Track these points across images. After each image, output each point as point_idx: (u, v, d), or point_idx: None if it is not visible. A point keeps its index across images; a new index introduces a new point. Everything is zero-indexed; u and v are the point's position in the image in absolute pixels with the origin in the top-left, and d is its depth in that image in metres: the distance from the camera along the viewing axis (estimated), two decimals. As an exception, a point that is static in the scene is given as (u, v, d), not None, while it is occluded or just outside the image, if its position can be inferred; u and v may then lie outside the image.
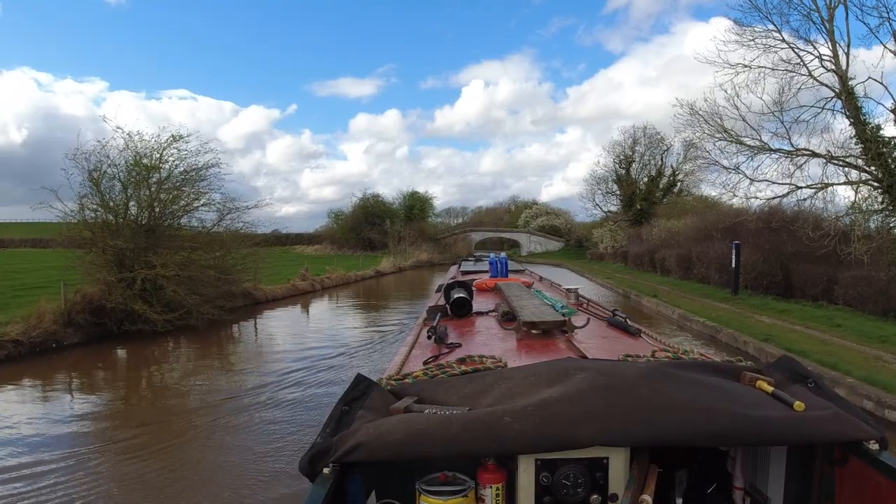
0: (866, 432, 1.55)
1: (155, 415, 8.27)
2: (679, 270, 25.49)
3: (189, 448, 6.95)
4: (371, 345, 12.51)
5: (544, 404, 1.53)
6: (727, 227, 22.70)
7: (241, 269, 17.31)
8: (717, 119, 18.91)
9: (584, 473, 1.65)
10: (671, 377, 1.69)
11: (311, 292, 23.24)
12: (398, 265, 39.24)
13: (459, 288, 3.95)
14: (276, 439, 7.04)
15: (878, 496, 1.48)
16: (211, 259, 16.00)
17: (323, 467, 1.44)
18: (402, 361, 2.66)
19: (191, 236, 15.25)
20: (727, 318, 12.98)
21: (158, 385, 10.29)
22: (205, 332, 13.96)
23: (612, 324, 3.44)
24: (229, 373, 10.65)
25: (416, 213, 58.45)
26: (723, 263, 20.99)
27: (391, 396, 1.84)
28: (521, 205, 78.88)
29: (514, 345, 2.94)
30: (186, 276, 14.25)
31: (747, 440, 1.60)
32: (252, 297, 18.66)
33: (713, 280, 21.63)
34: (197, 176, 15.28)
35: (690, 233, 26.58)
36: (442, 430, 1.46)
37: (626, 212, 46.96)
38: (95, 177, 14.06)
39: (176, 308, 13.46)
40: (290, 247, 67.55)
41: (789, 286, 18.99)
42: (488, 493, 1.65)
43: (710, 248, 22.27)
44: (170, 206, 14.80)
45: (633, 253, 34.27)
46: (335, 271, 26.99)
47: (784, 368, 1.94)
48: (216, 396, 9.03)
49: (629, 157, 48.44)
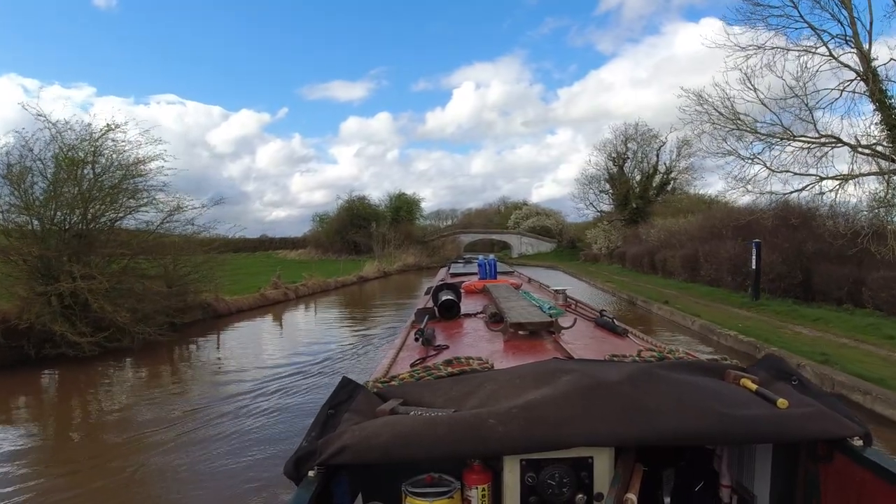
0: (850, 429, 1.54)
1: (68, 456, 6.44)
2: (684, 272, 23.61)
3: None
4: (347, 360, 10.45)
5: (529, 406, 1.54)
6: (739, 225, 20.88)
7: (197, 278, 15.11)
8: (729, 103, 17.03)
9: (570, 473, 1.64)
10: (656, 377, 1.68)
11: (284, 302, 21.08)
12: (383, 269, 37.11)
13: (448, 290, 3.94)
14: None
15: (862, 492, 1.48)
16: (157, 268, 13.82)
17: (308, 470, 1.44)
18: (390, 364, 2.63)
19: (128, 242, 12.97)
20: (758, 330, 11.04)
21: (72, 421, 8.18)
22: (149, 352, 11.82)
23: (600, 324, 3.45)
24: (167, 403, 8.53)
25: (403, 214, 56.24)
26: (736, 264, 19.13)
27: (377, 399, 1.83)
28: (511, 206, 77.14)
29: (501, 346, 2.95)
30: (125, 289, 12.09)
31: (732, 439, 1.61)
32: (213, 310, 16.47)
33: (725, 283, 19.75)
34: (136, 171, 13.06)
35: (696, 232, 24.72)
36: (427, 432, 1.47)
37: (621, 211, 45.24)
38: (13, 174, 11.84)
39: (107, 327, 11.26)
40: (273, 252, 65.51)
41: (809, 288, 17.22)
42: (474, 494, 1.66)
43: (721, 247, 20.40)
44: (103, 207, 12.56)
45: (632, 254, 32.40)
46: (312, 278, 24.84)
47: (768, 366, 1.93)
48: (148, 430, 7.25)
49: (622, 155, 46.77)
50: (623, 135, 46.42)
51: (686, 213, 34.38)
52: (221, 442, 6.81)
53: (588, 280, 29.05)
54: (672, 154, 45.52)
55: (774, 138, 16.59)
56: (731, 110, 17.35)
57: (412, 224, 56.83)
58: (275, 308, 19.83)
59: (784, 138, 16.67)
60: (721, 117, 17.60)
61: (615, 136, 46.95)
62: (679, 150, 45.89)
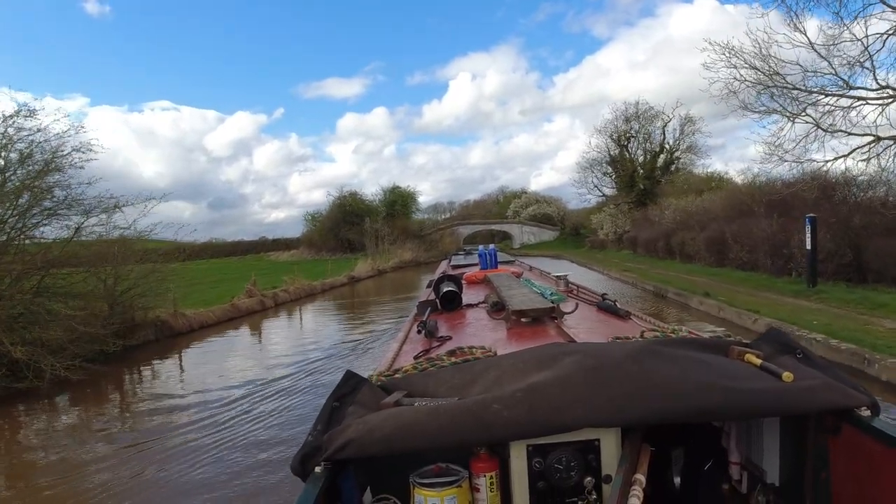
0: (857, 399, 1.52)
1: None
2: (709, 256, 21.09)
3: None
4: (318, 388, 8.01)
5: (533, 389, 1.53)
6: (773, 200, 18.36)
7: (140, 292, 12.59)
8: (767, 51, 14.43)
9: (577, 456, 1.64)
10: (659, 355, 1.66)
11: (262, 311, 18.60)
12: (377, 267, 34.57)
13: (449, 281, 3.91)
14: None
15: (872, 462, 1.45)
16: (91, 284, 11.33)
17: (314, 466, 1.43)
18: (393, 357, 2.61)
19: (49, 252, 10.44)
20: (843, 330, 8.55)
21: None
22: (74, 388, 9.40)
23: (602, 308, 3.45)
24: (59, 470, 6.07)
25: (398, 209, 53.56)
26: (776, 245, 16.62)
27: (381, 392, 1.80)
28: (509, 194, 74.60)
29: (504, 334, 2.93)
30: (37, 312, 9.61)
31: (738, 414, 1.62)
32: (168, 328, 13.97)
33: (762, 266, 17.23)
34: (53, 165, 10.52)
35: (719, 210, 22.17)
36: (431, 422, 1.46)
37: (628, 193, 42.70)
38: None
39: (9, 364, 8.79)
40: (265, 254, 62.97)
41: (860, 268, 14.79)
42: (482, 481, 1.64)
43: (754, 226, 17.88)
44: (7, 210, 10.03)
45: (645, 238, 29.87)
46: (295, 281, 22.34)
47: (772, 340, 1.89)
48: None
49: (626, 133, 44.19)
50: (623, 114, 43.97)
51: (696, 192, 31.94)
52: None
53: (600, 269, 26.52)
54: (675, 132, 43.22)
55: (822, 94, 14.00)
56: (767, 61, 14.78)
57: (408, 218, 54.16)
58: (249, 319, 17.34)
59: (830, 94, 14.12)
60: (755, 72, 15.05)
61: (616, 117, 44.44)
62: (683, 127, 43.77)
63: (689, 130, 43.10)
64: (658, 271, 21.24)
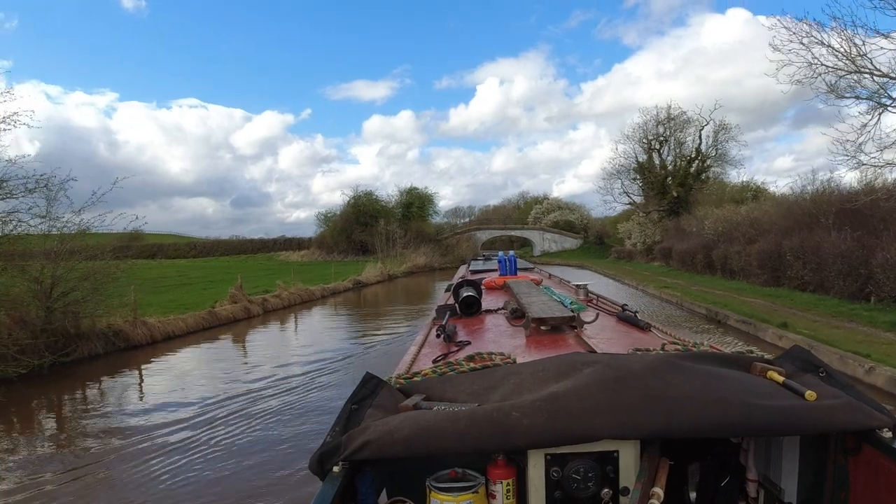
0: (879, 420, 1.47)
1: None
2: (762, 273, 18.33)
3: None
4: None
5: (552, 398, 1.50)
6: (844, 210, 15.61)
7: (80, 297, 10.39)
8: (851, 33, 11.82)
9: (594, 467, 1.61)
10: (680, 368, 1.62)
11: (246, 319, 16.39)
12: (387, 272, 32.28)
13: (468, 287, 3.90)
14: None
15: (892, 484, 1.41)
16: (9, 282, 9.17)
17: (332, 466, 1.42)
18: (412, 360, 2.58)
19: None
20: None
21: None
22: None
23: (622, 318, 3.40)
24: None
25: (414, 211, 51.26)
26: (851, 264, 13.88)
27: (400, 395, 1.78)
28: (531, 200, 71.95)
29: (524, 341, 2.89)
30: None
31: (759, 431, 1.54)
32: (124, 339, 11.78)
33: (833, 288, 14.48)
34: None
35: (774, 221, 19.40)
36: (449, 426, 1.44)
37: (659, 201, 39.83)
38: None
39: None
40: (276, 253, 61.24)
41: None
42: (499, 488, 1.61)
43: (823, 240, 15.14)
44: None
45: (681, 250, 27.07)
46: (290, 286, 20.11)
47: (795, 358, 1.83)
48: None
49: (658, 137, 41.36)
50: (654, 119, 41.18)
51: (734, 201, 29.14)
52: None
53: (632, 283, 23.83)
54: (709, 139, 40.36)
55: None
56: (851, 41, 12.15)
57: (424, 221, 51.79)
58: (229, 329, 15.12)
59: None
60: (835, 52, 12.42)
61: (646, 121, 41.65)
62: (717, 134, 40.90)
63: (723, 138, 40.34)
64: (701, 288, 18.53)
